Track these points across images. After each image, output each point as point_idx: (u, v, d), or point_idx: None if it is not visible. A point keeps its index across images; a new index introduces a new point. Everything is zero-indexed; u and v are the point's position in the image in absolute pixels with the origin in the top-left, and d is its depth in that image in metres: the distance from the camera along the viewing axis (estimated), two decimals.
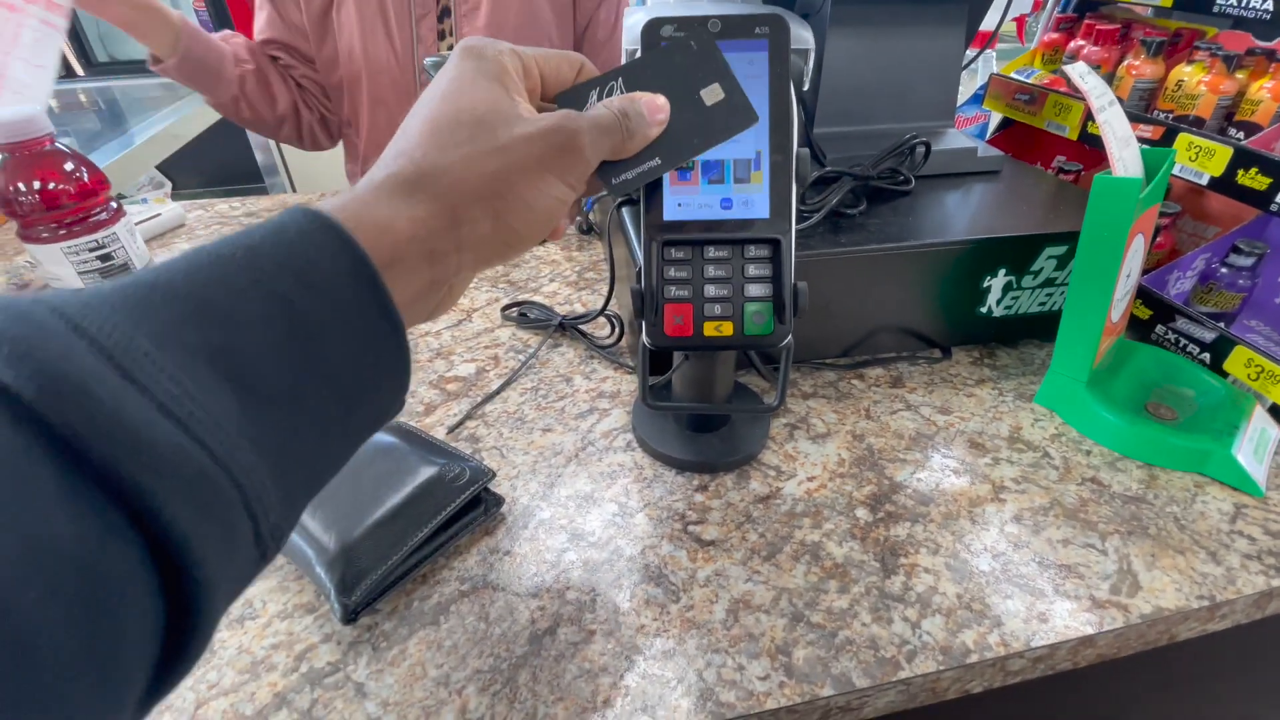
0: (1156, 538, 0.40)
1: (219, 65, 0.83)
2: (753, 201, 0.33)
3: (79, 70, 2.23)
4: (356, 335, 0.21)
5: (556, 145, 0.26)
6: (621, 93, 0.29)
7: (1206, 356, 0.51)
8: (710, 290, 0.33)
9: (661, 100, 0.29)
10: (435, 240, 0.24)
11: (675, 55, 0.29)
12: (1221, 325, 0.51)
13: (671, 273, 0.33)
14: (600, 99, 0.29)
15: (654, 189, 0.33)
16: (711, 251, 0.33)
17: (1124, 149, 0.44)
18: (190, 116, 1.55)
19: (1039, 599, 0.36)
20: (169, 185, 1.78)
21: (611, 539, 0.39)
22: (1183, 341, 0.53)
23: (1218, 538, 0.40)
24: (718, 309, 0.33)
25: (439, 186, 0.24)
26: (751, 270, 0.33)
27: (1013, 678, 0.35)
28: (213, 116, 1.47)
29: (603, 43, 0.94)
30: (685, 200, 0.33)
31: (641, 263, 0.34)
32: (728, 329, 0.33)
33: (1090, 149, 0.68)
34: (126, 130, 1.46)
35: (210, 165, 0.87)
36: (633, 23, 0.45)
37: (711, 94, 0.29)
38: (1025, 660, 0.34)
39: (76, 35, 2.23)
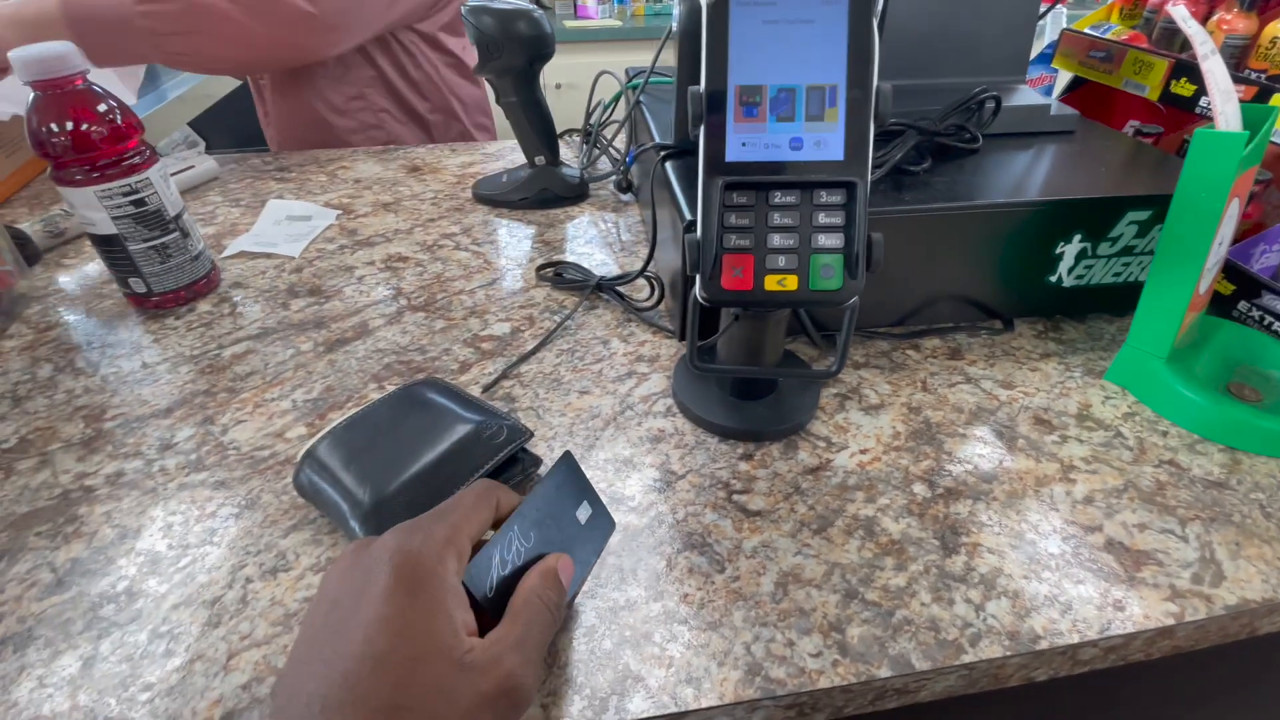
0: (1241, 525, 0.37)
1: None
2: (826, 141, 0.30)
3: None
4: None
5: (506, 704, 0.23)
6: (520, 544, 0.28)
7: None
8: (775, 240, 0.30)
9: (567, 561, 0.28)
10: None
11: (553, 488, 0.30)
12: None
13: (733, 219, 0.31)
14: (501, 557, 0.27)
15: (715, 125, 0.30)
16: (778, 196, 0.30)
17: (1226, 102, 0.40)
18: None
19: (1114, 585, 0.33)
20: (202, 144, 1.78)
21: (652, 504, 0.38)
22: (1269, 320, 0.49)
23: None
24: (781, 261, 0.31)
25: None
26: (822, 218, 0.30)
27: (1081, 667, 0.33)
28: None
29: None
30: (750, 139, 0.30)
31: (699, 211, 0.31)
32: (792, 283, 0.31)
33: (1170, 109, 0.63)
34: (159, 86, 1.45)
35: (243, 125, 0.85)
36: None
37: (583, 511, 0.31)
38: (1098, 649, 0.32)
39: None
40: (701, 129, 0.30)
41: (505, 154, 0.90)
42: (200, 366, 0.50)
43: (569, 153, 0.87)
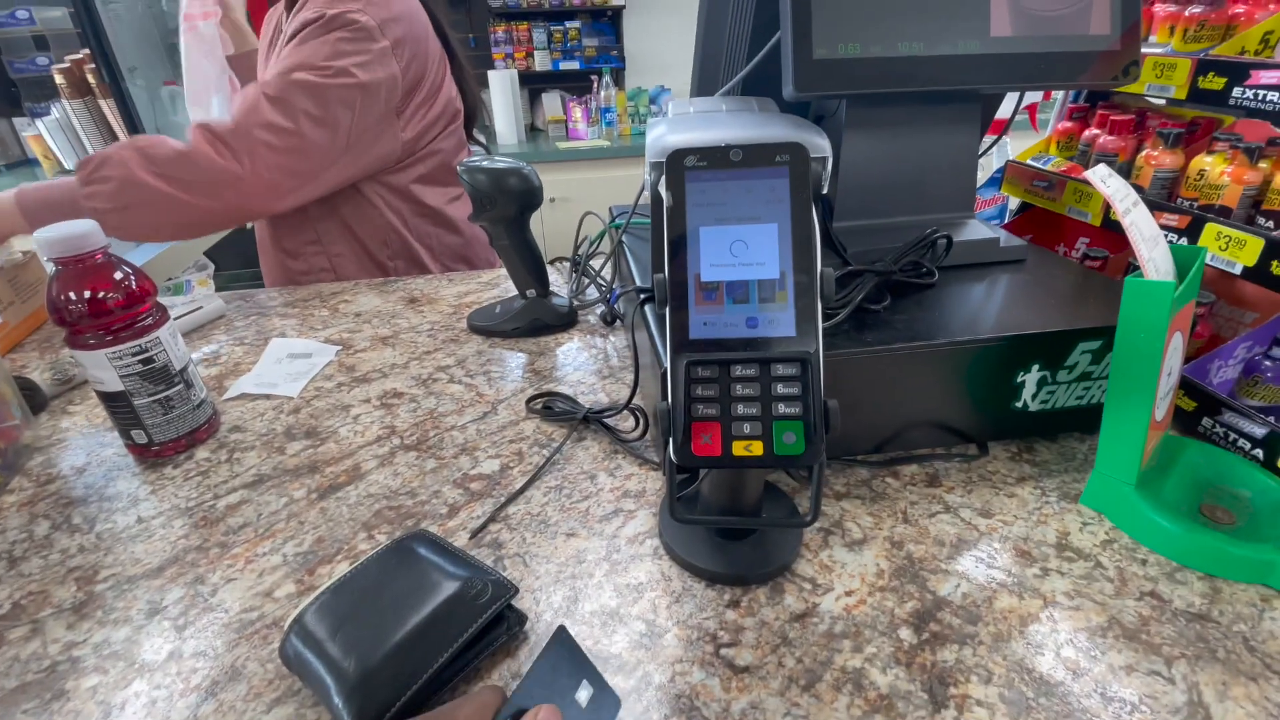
0: (1226, 662, 0.37)
1: None
2: (778, 320, 0.33)
3: None
4: None
5: None
6: None
7: (1259, 453, 0.49)
8: (739, 409, 0.33)
9: (548, 712, 0.28)
10: None
11: (548, 668, 0.30)
12: (1273, 420, 0.48)
13: (698, 391, 0.33)
14: None
15: (679, 307, 0.33)
16: (739, 370, 0.33)
17: (1153, 249, 0.44)
18: None
19: None
20: (212, 267, 1.87)
21: (639, 664, 0.38)
22: (1232, 436, 0.51)
23: None
24: (746, 428, 0.33)
25: None
26: (780, 389, 0.32)
27: None
28: None
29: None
30: (711, 319, 0.33)
31: (669, 382, 0.34)
32: (757, 448, 0.33)
33: (1114, 234, 0.68)
34: None
35: (250, 247, 0.92)
36: (655, 136, 0.47)
37: (584, 691, 0.31)
38: None
39: (134, 129, 2.40)
40: (667, 310, 0.33)
41: (500, 281, 0.94)
42: (195, 520, 0.51)
43: (559, 278, 0.92)
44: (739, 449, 0.33)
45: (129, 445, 0.58)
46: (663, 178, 0.34)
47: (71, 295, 0.51)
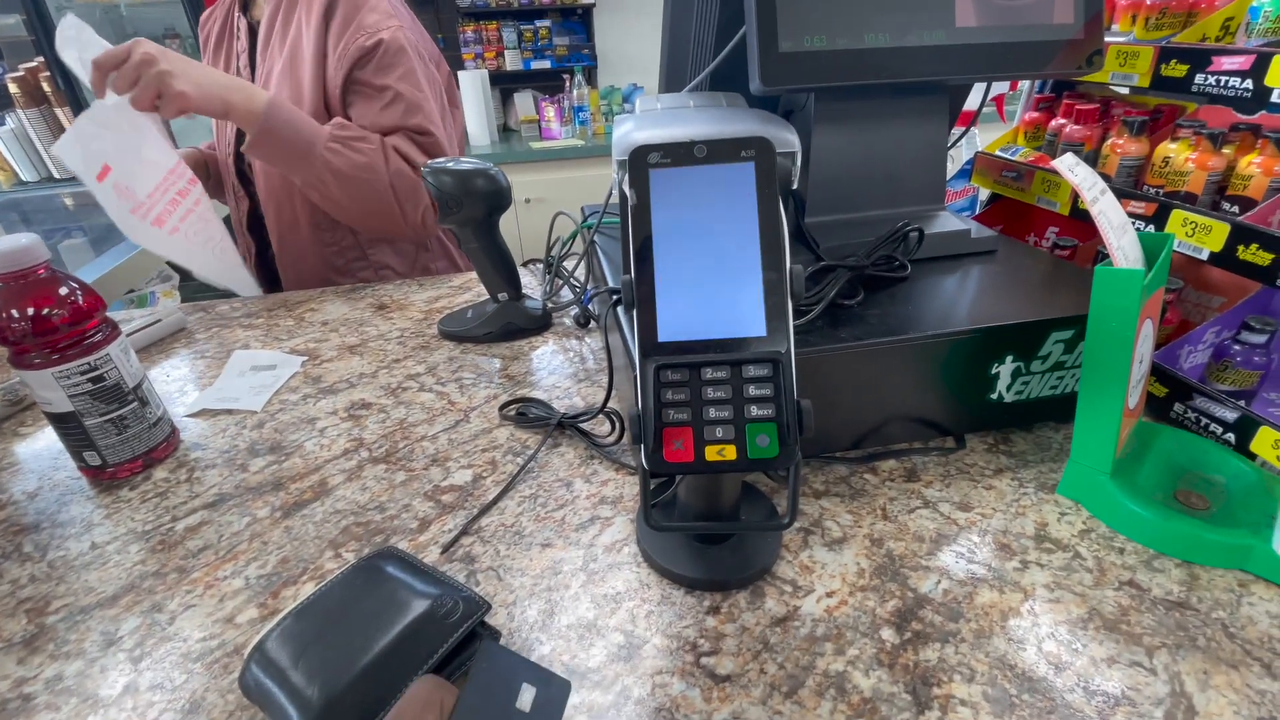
0: (1206, 650, 0.37)
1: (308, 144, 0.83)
2: (748, 320, 0.32)
3: None
4: None
5: None
6: None
7: (1231, 437, 0.49)
8: (710, 413, 0.32)
9: None
10: None
11: (480, 688, 0.28)
12: (1243, 404, 0.49)
13: (669, 395, 0.32)
14: None
15: (646, 309, 0.32)
16: (709, 373, 0.32)
17: (1121, 237, 0.44)
18: None
19: None
20: (176, 278, 1.82)
21: (618, 677, 0.37)
22: (1204, 421, 0.51)
23: (1270, 646, 0.37)
24: (719, 432, 0.32)
25: None
26: (752, 390, 0.31)
27: None
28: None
29: (366, 103, 0.90)
30: (679, 320, 0.32)
31: (638, 388, 0.33)
32: (731, 453, 0.32)
33: (1083, 223, 0.68)
34: None
35: None
36: (622, 133, 0.46)
37: (525, 696, 0.29)
38: None
39: None
40: (635, 313, 0.32)
41: (472, 285, 0.93)
42: (151, 544, 0.49)
43: (532, 280, 0.91)
44: (712, 454, 0.32)
45: (82, 468, 0.55)
46: (625, 177, 0.33)
47: (14, 313, 0.49)
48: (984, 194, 0.84)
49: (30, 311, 0.49)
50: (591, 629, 0.40)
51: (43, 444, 0.62)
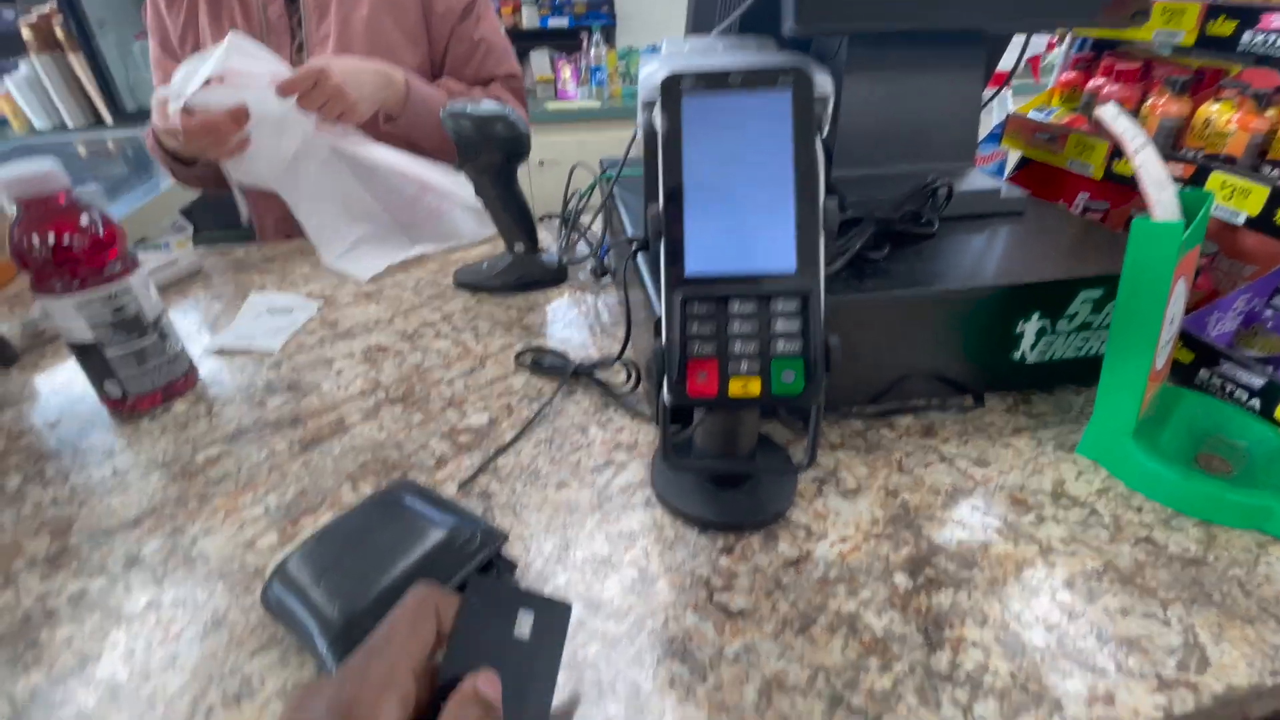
0: (1222, 605, 0.37)
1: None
2: (778, 254, 0.31)
3: (108, 119, 2.31)
4: None
5: None
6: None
7: (1256, 403, 0.49)
8: (736, 346, 0.31)
9: (487, 676, 0.26)
10: None
11: (473, 618, 0.28)
12: (1270, 370, 0.48)
13: (695, 328, 0.32)
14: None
15: (674, 241, 0.32)
16: (737, 306, 0.31)
17: (1161, 191, 0.42)
18: None
19: (1101, 678, 0.33)
20: (190, 229, 1.82)
21: (631, 609, 0.37)
22: (1230, 387, 0.50)
23: None
24: (744, 366, 0.31)
25: None
26: (780, 325, 0.31)
27: None
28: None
29: (464, 59, 0.97)
30: (708, 253, 0.32)
31: (663, 320, 0.32)
32: (755, 387, 0.31)
33: (1115, 186, 0.67)
34: (153, 176, 1.50)
35: (226, 209, 0.88)
36: (648, 73, 0.45)
37: (523, 622, 0.28)
38: None
39: (106, 86, 2.31)
40: (661, 244, 0.32)
41: (487, 241, 0.92)
42: (172, 472, 0.49)
43: (548, 236, 0.90)
44: (736, 388, 0.31)
45: (103, 398, 0.56)
46: (657, 104, 0.32)
47: (34, 238, 0.49)
48: (1011, 160, 0.82)
49: (51, 238, 0.49)
50: (606, 563, 0.40)
51: (62, 378, 0.63)
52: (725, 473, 0.42)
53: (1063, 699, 0.32)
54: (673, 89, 0.31)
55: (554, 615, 0.29)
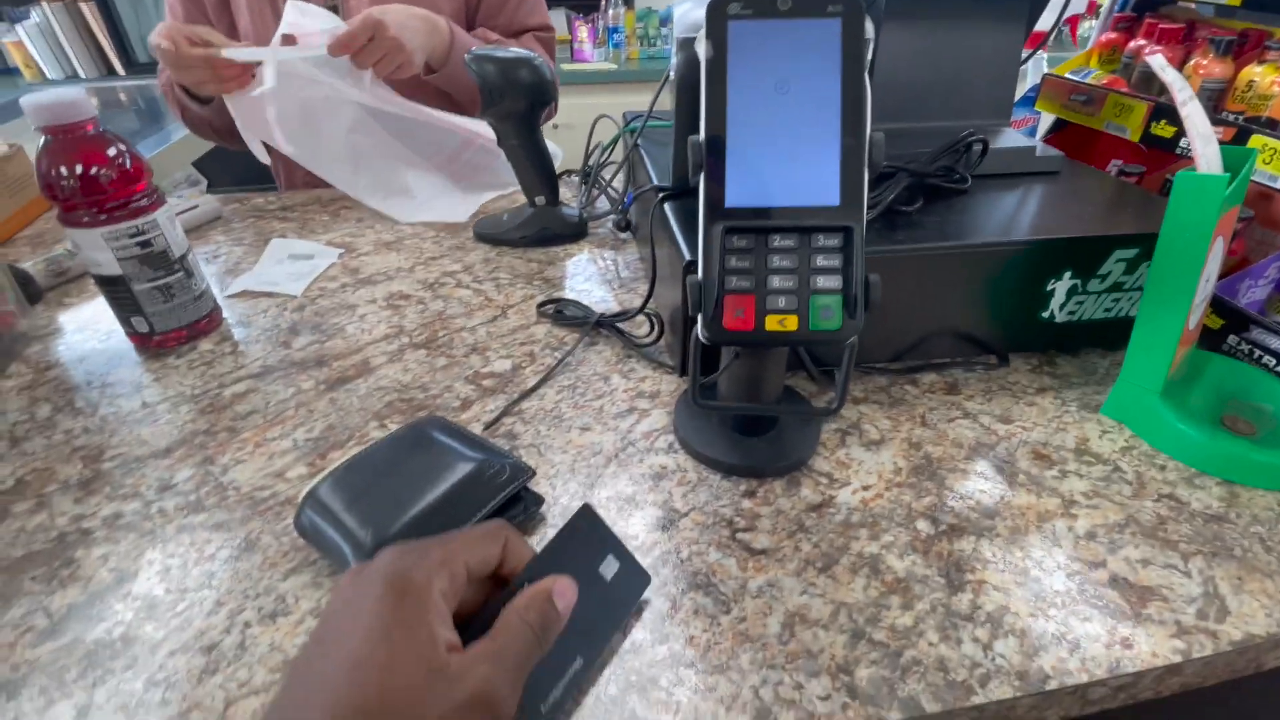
0: (1242, 560, 0.37)
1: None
2: (821, 187, 0.31)
3: (120, 70, 2.29)
4: None
5: (481, 713, 0.23)
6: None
7: None
8: (775, 281, 0.31)
9: (565, 584, 0.27)
10: None
11: (570, 541, 0.30)
12: None
13: (733, 262, 0.31)
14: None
15: (715, 171, 0.31)
16: (777, 240, 0.31)
17: (1207, 145, 0.41)
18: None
19: (1121, 622, 0.33)
20: (204, 183, 1.81)
21: (656, 543, 0.38)
22: (1258, 353, 0.50)
23: None
24: (782, 301, 0.31)
25: None
26: (820, 261, 0.31)
27: (1091, 707, 0.33)
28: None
29: (498, 7, 0.95)
30: (749, 185, 0.31)
31: (701, 254, 0.32)
32: (792, 323, 0.31)
33: (1151, 150, 0.65)
34: (164, 128, 1.48)
35: (241, 163, 0.88)
36: (683, 11, 0.44)
37: (609, 566, 0.31)
38: (1107, 689, 0.32)
39: (118, 36, 2.29)
40: (701, 176, 0.31)
41: (507, 194, 0.91)
42: (200, 406, 0.50)
43: (568, 193, 0.89)
44: (773, 323, 0.31)
45: (130, 334, 0.56)
46: (702, 31, 0.31)
47: (62, 169, 0.49)
48: (1044, 124, 0.80)
49: (79, 168, 0.49)
50: (630, 502, 0.40)
51: (88, 314, 0.63)
52: (752, 415, 0.42)
53: (1082, 640, 0.32)
54: (719, 13, 0.30)
55: (636, 576, 0.32)
